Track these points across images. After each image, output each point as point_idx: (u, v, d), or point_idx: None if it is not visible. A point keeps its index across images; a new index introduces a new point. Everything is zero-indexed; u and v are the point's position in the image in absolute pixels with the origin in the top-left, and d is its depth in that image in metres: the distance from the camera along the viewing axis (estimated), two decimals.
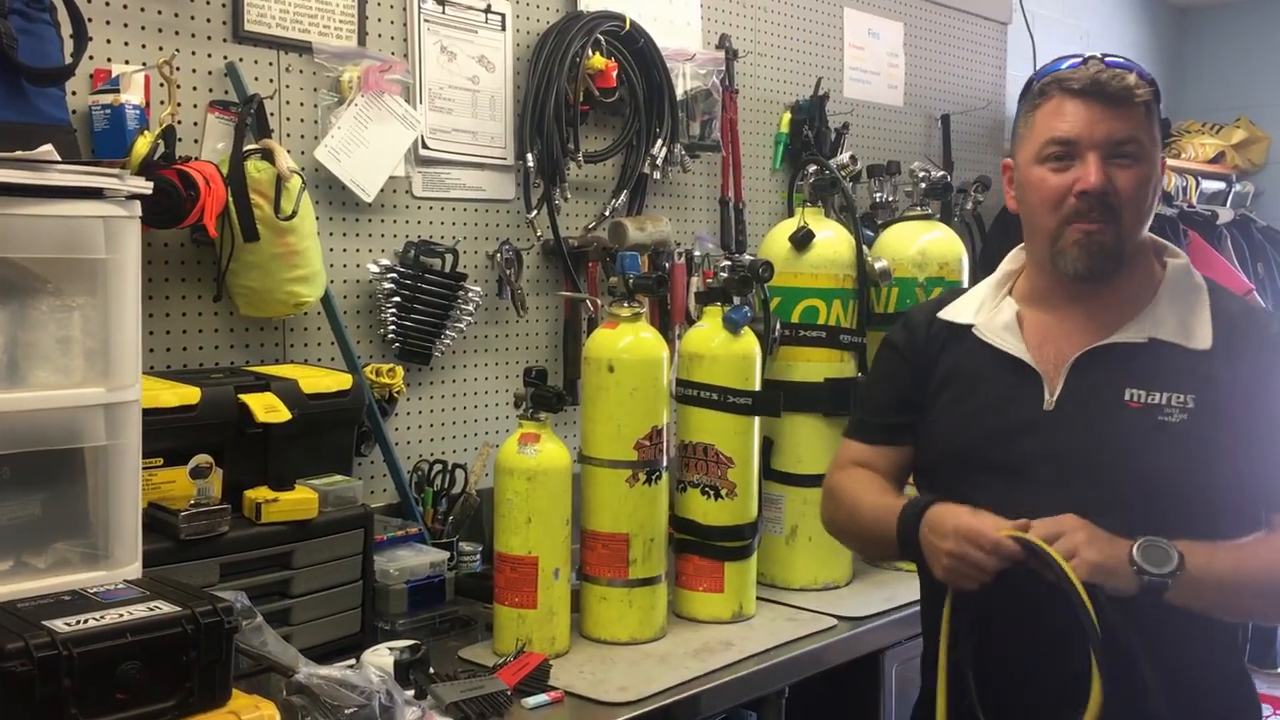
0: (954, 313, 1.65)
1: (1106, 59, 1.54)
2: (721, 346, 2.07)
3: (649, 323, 2.03)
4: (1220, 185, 4.53)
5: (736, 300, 2.11)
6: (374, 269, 2.22)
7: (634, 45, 2.58)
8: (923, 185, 2.64)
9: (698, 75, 2.77)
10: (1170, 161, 4.25)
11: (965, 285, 2.48)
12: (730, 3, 2.93)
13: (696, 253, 2.66)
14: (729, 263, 2.16)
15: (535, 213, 2.45)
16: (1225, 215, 4.23)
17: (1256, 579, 1.44)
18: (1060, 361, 1.54)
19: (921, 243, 2.47)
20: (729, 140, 2.86)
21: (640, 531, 1.94)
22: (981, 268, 3.64)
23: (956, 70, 3.66)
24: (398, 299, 2.24)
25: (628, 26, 2.55)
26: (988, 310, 1.63)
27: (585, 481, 1.97)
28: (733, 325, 2.07)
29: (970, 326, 1.62)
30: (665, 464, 1.99)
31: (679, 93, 2.69)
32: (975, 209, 3.36)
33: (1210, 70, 4.88)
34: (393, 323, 2.24)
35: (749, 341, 2.10)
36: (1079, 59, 1.55)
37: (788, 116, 3.06)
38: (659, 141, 2.64)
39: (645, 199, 2.69)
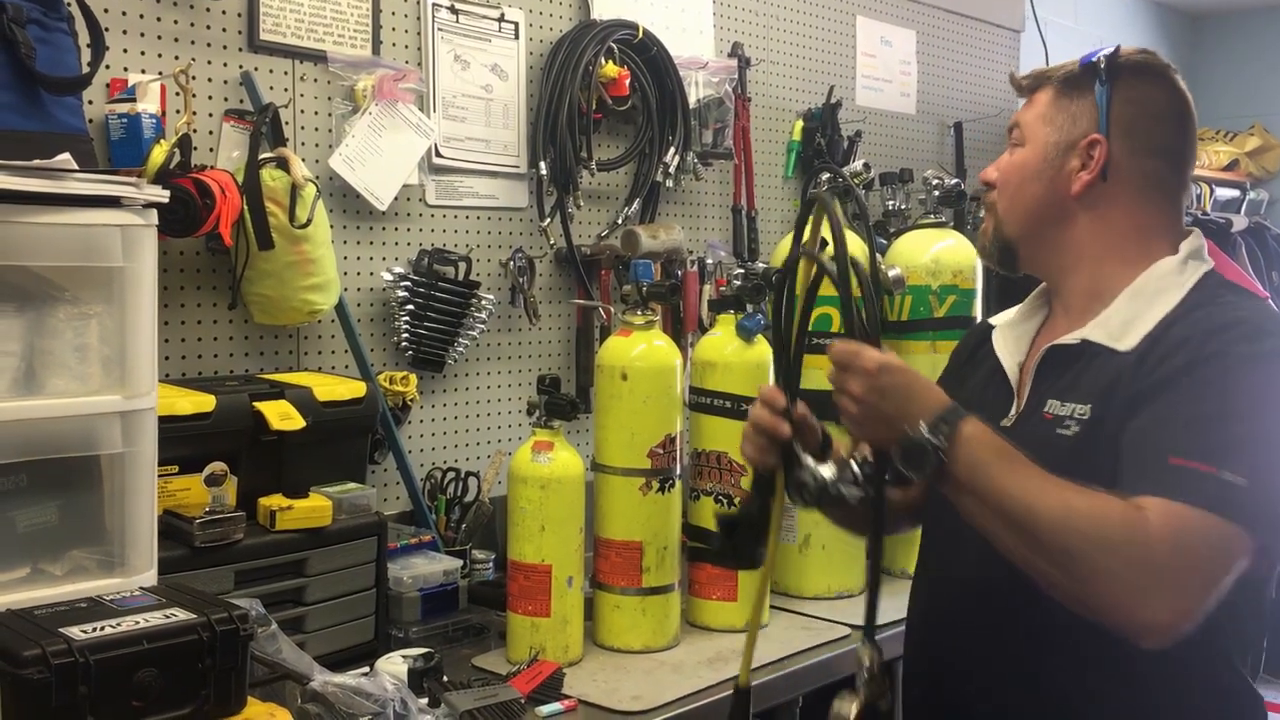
0: (1000, 314, 1.58)
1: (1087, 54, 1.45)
2: (734, 354, 2.07)
3: (662, 330, 2.03)
4: (1234, 193, 4.51)
5: (749, 308, 2.11)
6: (388, 277, 2.23)
7: (647, 53, 2.58)
8: (936, 193, 2.64)
9: (710, 83, 2.77)
10: None
11: (978, 292, 2.49)
12: (743, 11, 2.93)
13: (709, 260, 2.66)
14: (742, 270, 2.16)
15: (548, 221, 2.46)
16: (1239, 223, 4.21)
17: (1029, 513, 1.20)
18: (1029, 368, 1.44)
19: (935, 250, 2.47)
20: (741, 148, 2.86)
21: (653, 540, 1.94)
22: (993, 274, 3.64)
23: (969, 78, 3.66)
24: (411, 307, 2.24)
25: (641, 35, 2.55)
26: (1024, 311, 1.53)
27: (598, 489, 1.97)
28: (745, 333, 2.07)
29: (994, 327, 1.56)
30: (678, 472, 1.99)
31: (691, 101, 2.69)
32: None
33: (1224, 77, 4.86)
34: (406, 330, 2.25)
35: (762, 349, 2.10)
36: None
37: (800, 124, 3.06)
38: (671, 149, 2.64)
39: (658, 207, 2.70)
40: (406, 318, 2.24)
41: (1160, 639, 1.17)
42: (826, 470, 1.32)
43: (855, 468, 1.30)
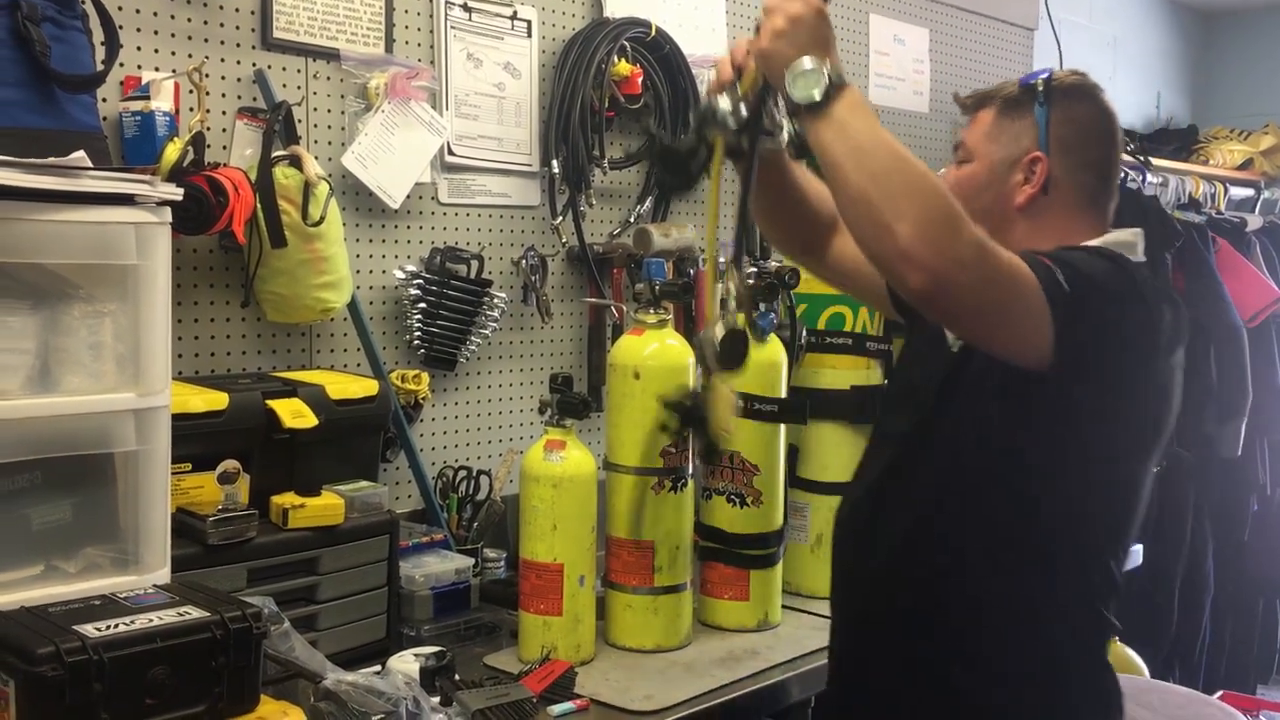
0: None
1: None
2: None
3: (674, 329, 2.03)
4: (1249, 192, 4.49)
5: (762, 307, 2.10)
6: (400, 275, 2.23)
7: (659, 51, 2.58)
8: None
9: None
10: (1198, 168, 4.22)
11: None
12: (755, 9, 2.92)
13: (721, 259, 2.65)
14: (754, 269, 2.16)
15: (560, 219, 2.45)
16: (1254, 222, 4.19)
17: (899, 171, 1.30)
18: None
19: None
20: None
21: (666, 539, 1.94)
22: None
23: (982, 76, 3.65)
24: (423, 305, 2.24)
25: (653, 33, 2.55)
26: None
27: (610, 488, 1.97)
28: (758, 332, 2.07)
29: None
30: (690, 471, 1.98)
31: (703, 99, 2.68)
32: None
33: (1238, 76, 4.84)
34: (418, 329, 2.24)
35: (775, 349, 2.10)
36: None
37: None
38: None
39: (670, 205, 2.69)
40: (419, 316, 2.24)
41: (914, 274, 1.27)
42: (724, 102, 1.50)
43: (743, 107, 1.49)
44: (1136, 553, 2.86)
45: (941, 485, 1.54)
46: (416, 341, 2.25)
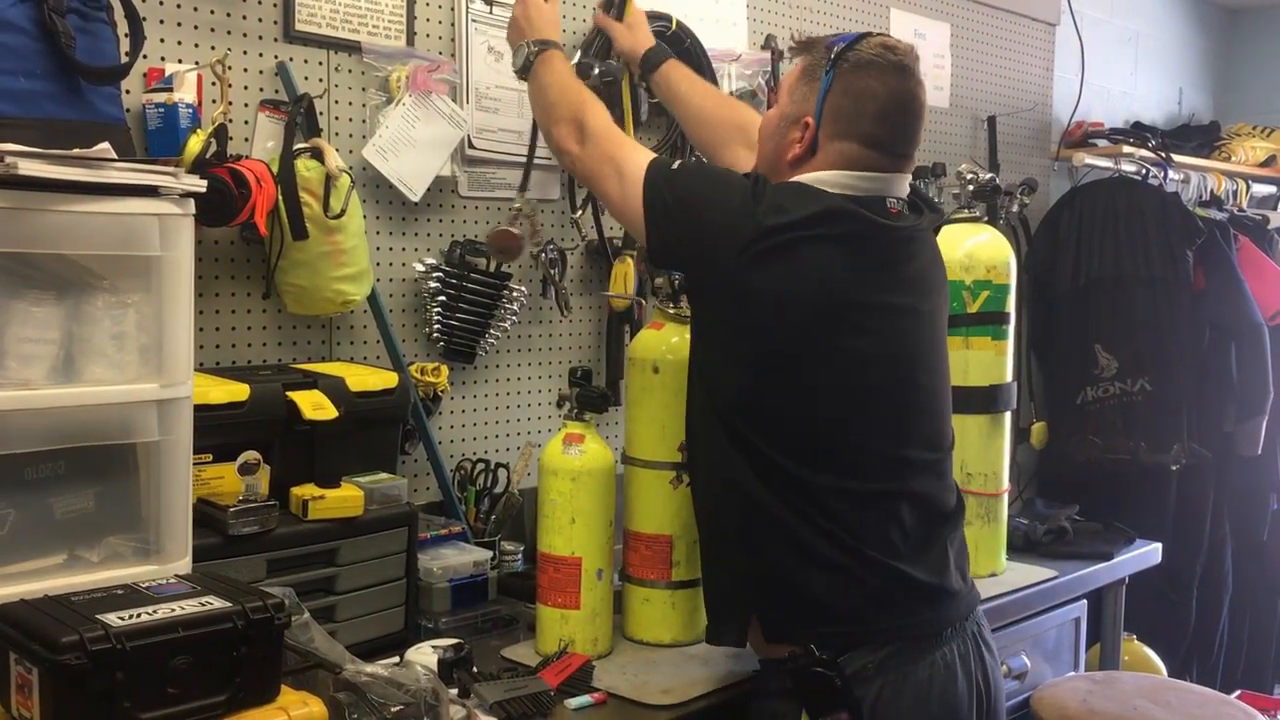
0: None
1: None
2: None
3: None
4: (1271, 189, 4.45)
5: None
6: (420, 268, 2.23)
7: (680, 45, 2.57)
8: (970, 187, 2.62)
9: (743, 75, 2.76)
10: (1220, 165, 4.18)
11: (1012, 288, 2.47)
12: (776, 3, 2.91)
13: None
14: None
15: (580, 213, 2.45)
16: (1277, 219, 4.16)
17: (556, 100, 1.92)
18: None
19: (969, 245, 2.45)
20: None
21: (684, 533, 1.94)
22: (1027, 269, 3.62)
23: (1003, 71, 3.63)
24: (443, 298, 2.25)
25: (674, 26, 2.54)
26: None
27: (628, 482, 1.97)
28: None
29: None
30: None
31: (725, 92, 2.68)
32: (1021, 211, 3.33)
33: (1261, 72, 4.80)
34: (438, 321, 2.25)
35: None
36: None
37: None
38: None
39: None
40: (438, 309, 2.25)
41: (561, 157, 1.95)
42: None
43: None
44: (1155, 551, 2.84)
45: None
46: (436, 334, 2.25)
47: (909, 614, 1.65)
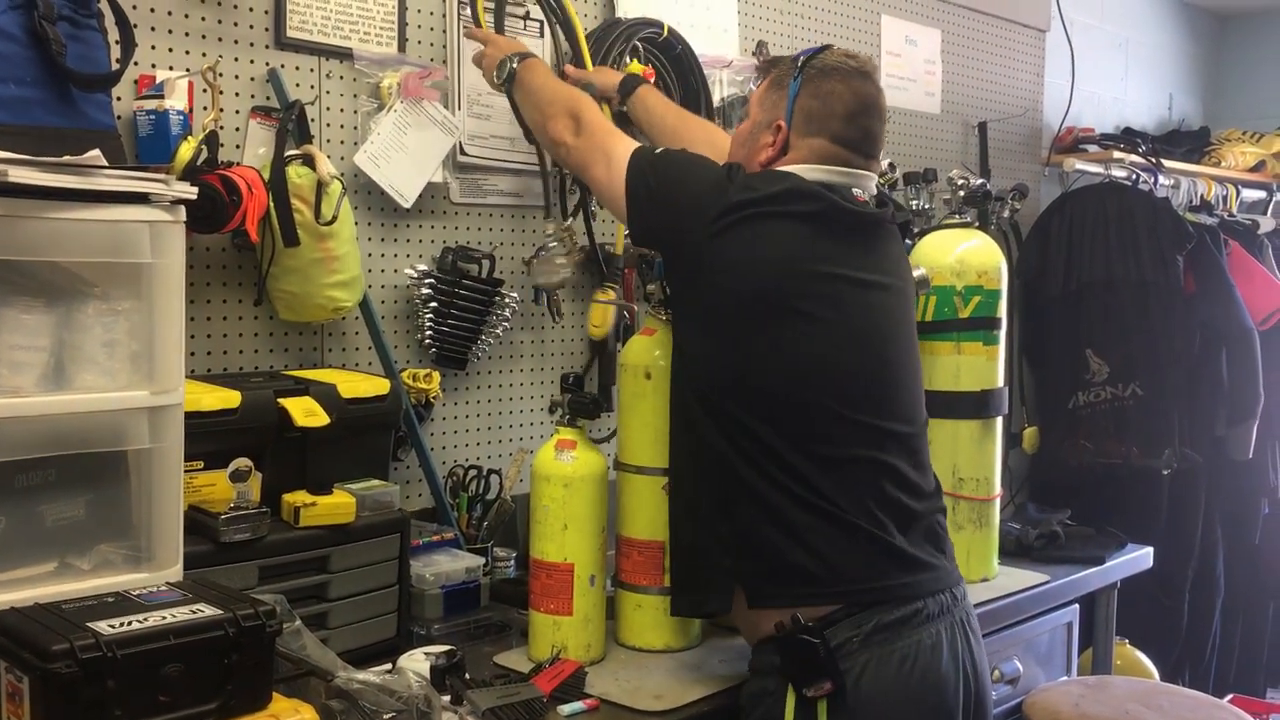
0: None
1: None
2: None
3: None
4: (1261, 194, 4.47)
5: None
6: (411, 274, 2.23)
7: (671, 52, 2.58)
8: (960, 193, 2.62)
9: (734, 82, 2.76)
10: (1210, 170, 4.20)
11: (1003, 293, 2.47)
12: (767, 10, 2.92)
13: None
14: None
15: (571, 219, 2.45)
16: (1267, 224, 4.18)
17: (550, 99, 2.01)
18: None
19: (960, 251, 2.45)
20: None
21: None
22: (1018, 274, 3.63)
23: (994, 77, 3.64)
24: (435, 304, 2.25)
25: (666, 33, 2.55)
26: None
27: (621, 488, 1.97)
28: None
29: None
30: None
31: (716, 99, 2.68)
32: (1012, 217, 3.33)
33: (1251, 78, 4.82)
34: (430, 328, 2.25)
35: None
36: None
37: None
38: None
39: None
40: (430, 315, 2.25)
41: (554, 150, 2.04)
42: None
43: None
44: (1146, 555, 2.85)
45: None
46: (428, 340, 2.25)
47: (886, 576, 1.68)
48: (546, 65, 2.15)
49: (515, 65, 2.08)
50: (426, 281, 2.24)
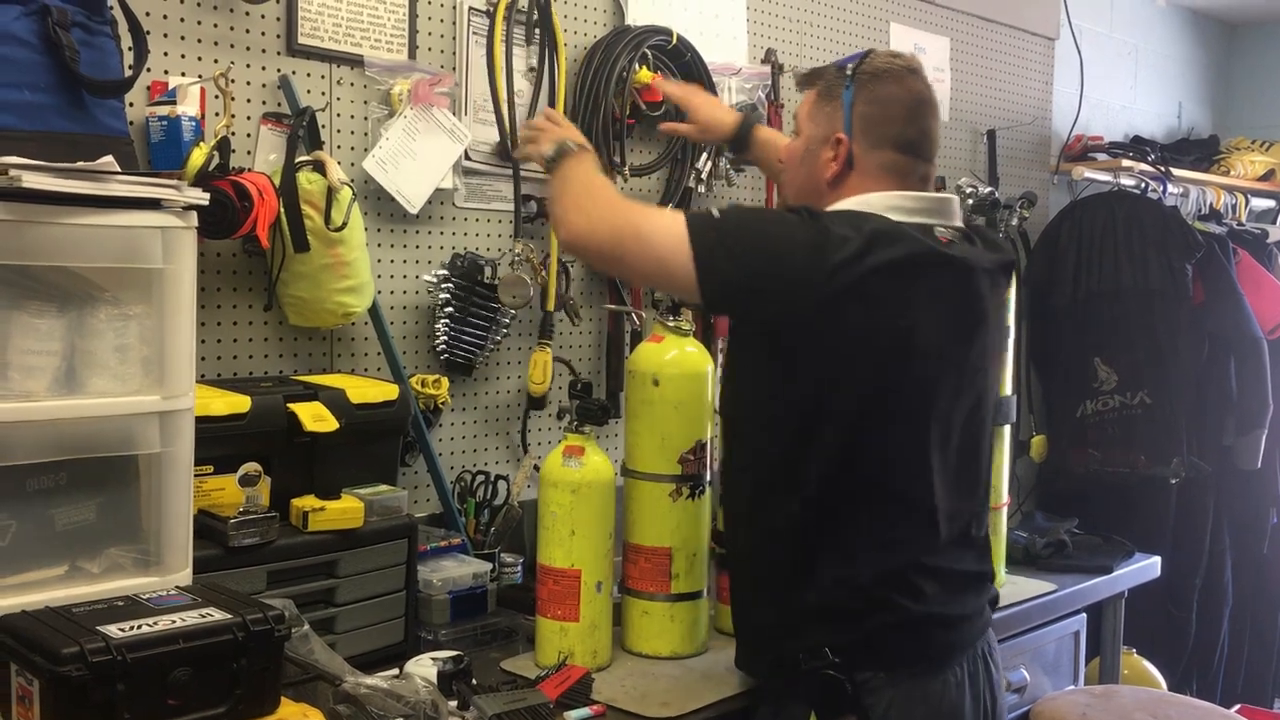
0: None
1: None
2: None
3: (694, 336, 2.03)
4: (1270, 203, 4.46)
5: None
6: (429, 279, 2.24)
7: (681, 59, 2.59)
8: (969, 201, 2.63)
9: (743, 89, 2.77)
10: (1219, 179, 4.20)
11: (1011, 301, 2.47)
12: (776, 18, 2.93)
13: None
14: None
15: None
16: (1275, 233, 4.17)
17: (593, 201, 1.73)
18: None
19: None
20: None
21: (683, 546, 1.94)
22: (1026, 283, 3.62)
23: (1003, 86, 3.64)
24: (452, 309, 2.25)
25: (675, 40, 2.56)
26: None
27: (628, 495, 1.97)
28: None
29: None
30: (709, 478, 1.99)
31: None
32: (1020, 225, 3.34)
33: (1260, 87, 4.82)
34: (445, 334, 2.25)
35: None
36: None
37: None
38: (704, 155, 2.65)
39: None
40: (447, 320, 2.25)
41: (572, 241, 1.74)
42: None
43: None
44: (1154, 564, 2.84)
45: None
46: (442, 346, 2.26)
47: (930, 643, 1.67)
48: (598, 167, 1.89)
49: (571, 149, 1.82)
50: (444, 287, 2.24)
